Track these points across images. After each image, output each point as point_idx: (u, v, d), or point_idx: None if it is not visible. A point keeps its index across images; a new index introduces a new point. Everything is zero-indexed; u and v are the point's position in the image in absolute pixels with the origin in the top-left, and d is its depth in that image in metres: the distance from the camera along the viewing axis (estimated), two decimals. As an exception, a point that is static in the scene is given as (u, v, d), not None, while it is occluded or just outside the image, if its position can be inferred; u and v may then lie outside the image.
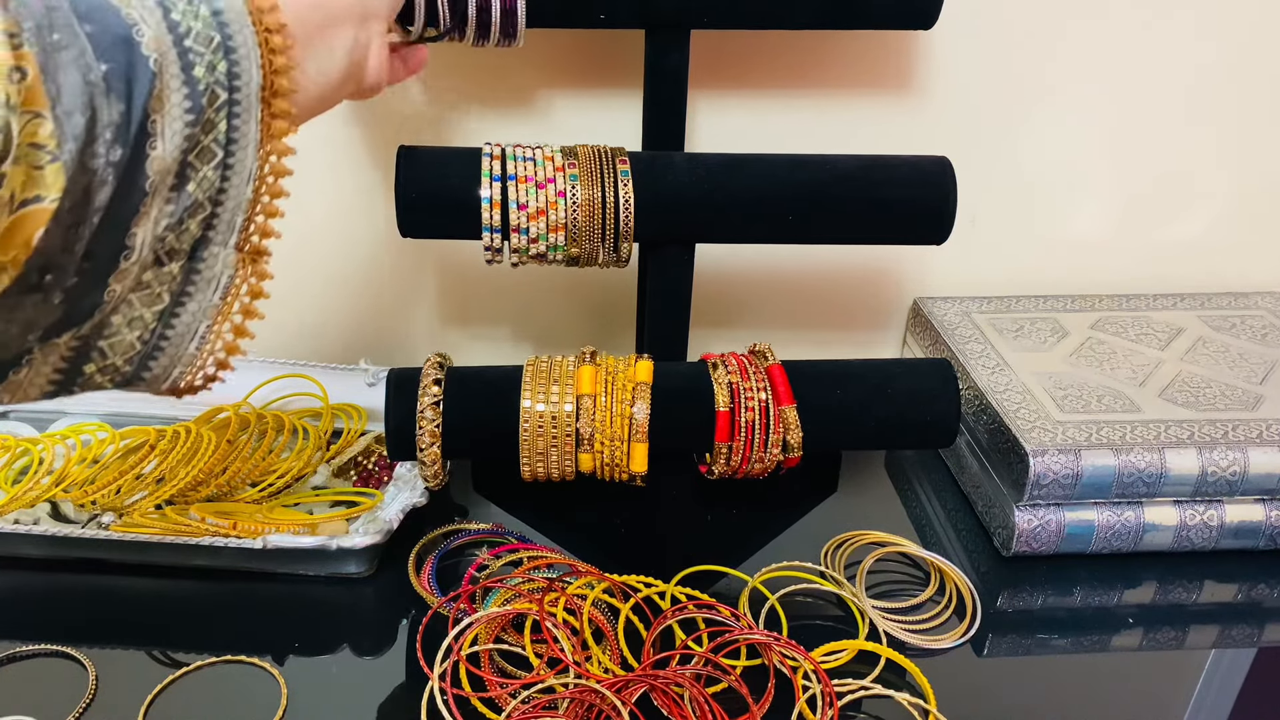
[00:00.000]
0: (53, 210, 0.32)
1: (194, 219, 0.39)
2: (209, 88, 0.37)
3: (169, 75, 0.36)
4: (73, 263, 0.35)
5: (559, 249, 0.60)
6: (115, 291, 0.37)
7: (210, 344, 0.42)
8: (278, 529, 0.60)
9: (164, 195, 0.37)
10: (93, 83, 0.33)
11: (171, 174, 0.37)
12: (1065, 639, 0.59)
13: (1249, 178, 0.81)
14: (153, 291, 0.39)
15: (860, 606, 0.59)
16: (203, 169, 0.38)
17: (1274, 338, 0.75)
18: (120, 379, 0.40)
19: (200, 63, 0.37)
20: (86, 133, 0.33)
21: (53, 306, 0.35)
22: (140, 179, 0.35)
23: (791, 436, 0.59)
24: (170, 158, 0.36)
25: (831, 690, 0.52)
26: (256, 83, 0.39)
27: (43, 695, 0.53)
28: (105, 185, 0.34)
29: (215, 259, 0.41)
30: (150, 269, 0.38)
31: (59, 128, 0.32)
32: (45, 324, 0.36)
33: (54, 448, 0.69)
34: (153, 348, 0.40)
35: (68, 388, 0.39)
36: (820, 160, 0.63)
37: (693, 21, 0.63)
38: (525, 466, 0.59)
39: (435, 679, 0.52)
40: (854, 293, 0.84)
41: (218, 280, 0.41)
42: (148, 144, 0.35)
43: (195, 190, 0.38)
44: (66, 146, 0.32)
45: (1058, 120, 0.78)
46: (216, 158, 0.38)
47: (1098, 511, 0.62)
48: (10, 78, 0.30)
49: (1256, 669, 0.58)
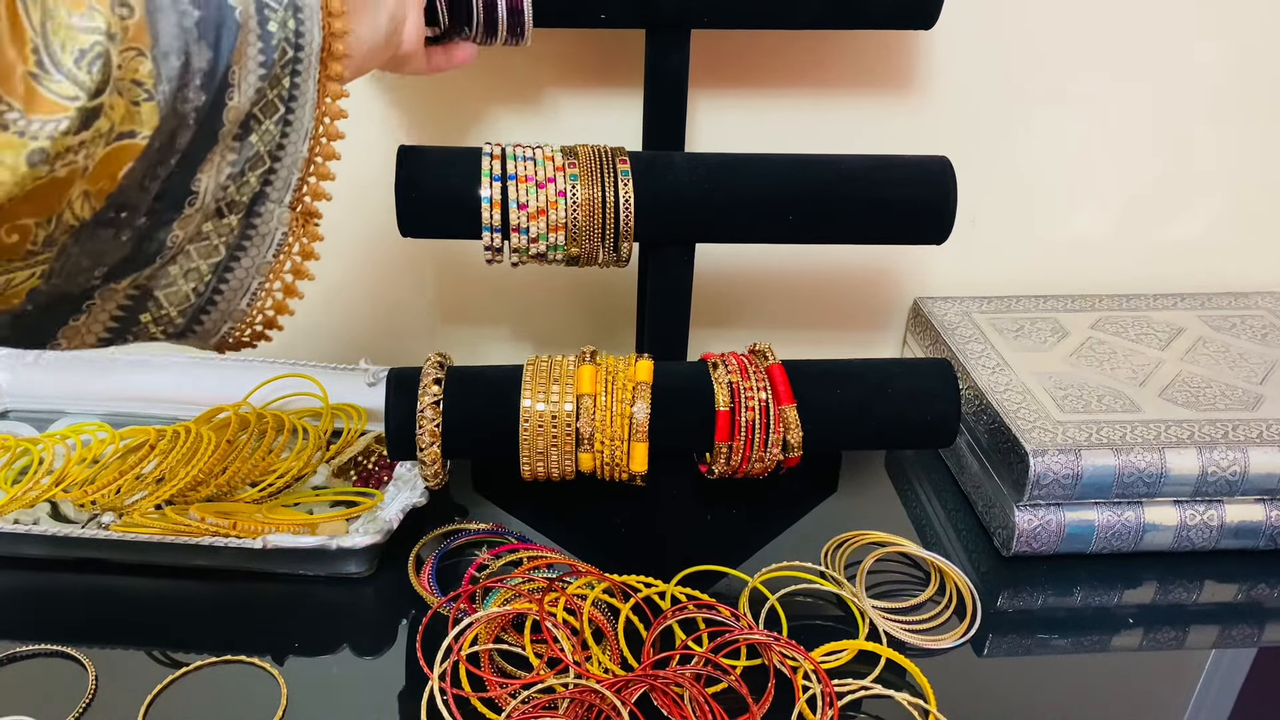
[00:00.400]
0: (143, 147, 0.34)
1: (254, 172, 0.40)
2: (280, 43, 0.38)
3: (249, 29, 0.37)
4: (145, 202, 0.36)
5: (559, 249, 0.60)
6: (178, 237, 0.38)
7: (261, 301, 0.43)
8: (278, 529, 0.60)
9: (228, 144, 0.38)
10: (187, 29, 0.34)
11: (238, 124, 0.38)
12: (1065, 639, 0.59)
13: (1249, 178, 0.81)
14: (210, 243, 0.40)
15: (860, 606, 0.59)
16: (265, 122, 0.39)
17: (1274, 338, 0.75)
18: (173, 330, 0.41)
19: (274, 18, 0.38)
20: (180, 76, 0.34)
21: (121, 243, 0.36)
22: (216, 126, 0.37)
23: (791, 436, 0.59)
24: (243, 109, 0.38)
25: (831, 690, 0.52)
26: (318, 43, 0.41)
27: (43, 695, 0.53)
28: (188, 129, 0.35)
29: (271, 215, 0.42)
30: (210, 219, 0.39)
31: (157, 67, 0.33)
32: (112, 260, 0.37)
33: (54, 448, 0.69)
34: (206, 300, 0.41)
35: (122, 335, 0.40)
36: (820, 160, 0.63)
37: (693, 21, 0.63)
38: (525, 466, 0.59)
39: (435, 679, 0.52)
40: (854, 293, 0.84)
41: (272, 237, 0.42)
42: (227, 94, 0.36)
43: (257, 142, 0.39)
44: (161, 87, 0.33)
45: (1058, 120, 0.78)
46: (279, 113, 0.40)
47: (1098, 511, 0.62)
48: (115, 10, 0.32)
49: (1256, 669, 0.58)
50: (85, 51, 0.31)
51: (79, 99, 0.31)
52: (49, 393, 0.76)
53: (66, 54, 0.30)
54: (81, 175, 0.32)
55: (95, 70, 0.31)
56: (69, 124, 0.30)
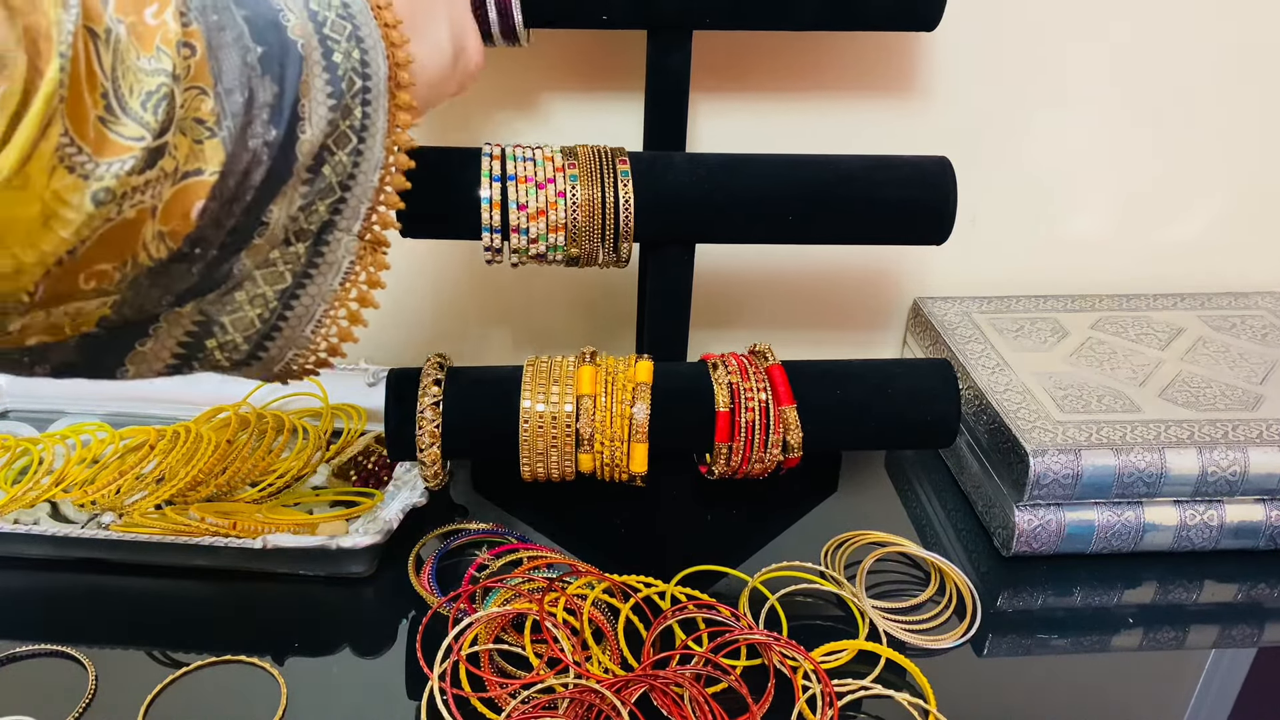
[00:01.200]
0: (211, 184, 0.34)
1: (324, 202, 0.40)
2: (346, 74, 0.39)
3: (313, 61, 0.37)
4: (219, 236, 0.36)
5: (559, 249, 0.60)
6: (245, 266, 0.39)
7: (325, 329, 0.43)
8: (278, 529, 0.60)
9: (302, 177, 0.38)
10: (250, 64, 0.34)
11: (311, 156, 0.38)
12: (1065, 639, 0.59)
13: (1249, 178, 0.81)
14: (277, 270, 0.40)
15: (860, 606, 0.59)
16: (338, 154, 0.39)
17: (1274, 338, 0.75)
18: (238, 357, 0.41)
19: (338, 49, 0.38)
20: (245, 111, 0.34)
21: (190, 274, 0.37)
22: (290, 160, 0.37)
23: (791, 437, 0.59)
24: (315, 141, 0.38)
25: (831, 690, 0.52)
26: (384, 73, 0.41)
27: (43, 695, 0.53)
28: (261, 164, 0.36)
29: (339, 244, 0.42)
30: (278, 247, 0.40)
31: (219, 104, 0.33)
32: (179, 289, 0.37)
33: (54, 448, 0.69)
34: (271, 327, 0.41)
35: (189, 362, 0.40)
36: (821, 160, 0.63)
37: (694, 22, 0.63)
38: (525, 467, 0.59)
39: (435, 679, 0.52)
40: (854, 293, 0.84)
41: (339, 265, 0.42)
42: (298, 127, 0.37)
43: (330, 174, 0.39)
44: (225, 123, 0.34)
45: (1058, 120, 0.78)
46: (351, 143, 0.40)
47: (1098, 511, 0.62)
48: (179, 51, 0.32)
49: (1256, 669, 0.58)
50: (151, 94, 0.31)
51: (144, 139, 0.31)
52: (49, 393, 0.76)
53: (134, 97, 0.31)
54: (152, 216, 0.32)
55: (159, 111, 0.31)
56: (134, 164, 0.31)
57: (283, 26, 0.36)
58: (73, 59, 0.28)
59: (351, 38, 0.39)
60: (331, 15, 0.39)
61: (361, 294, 0.44)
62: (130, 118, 0.30)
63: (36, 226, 0.29)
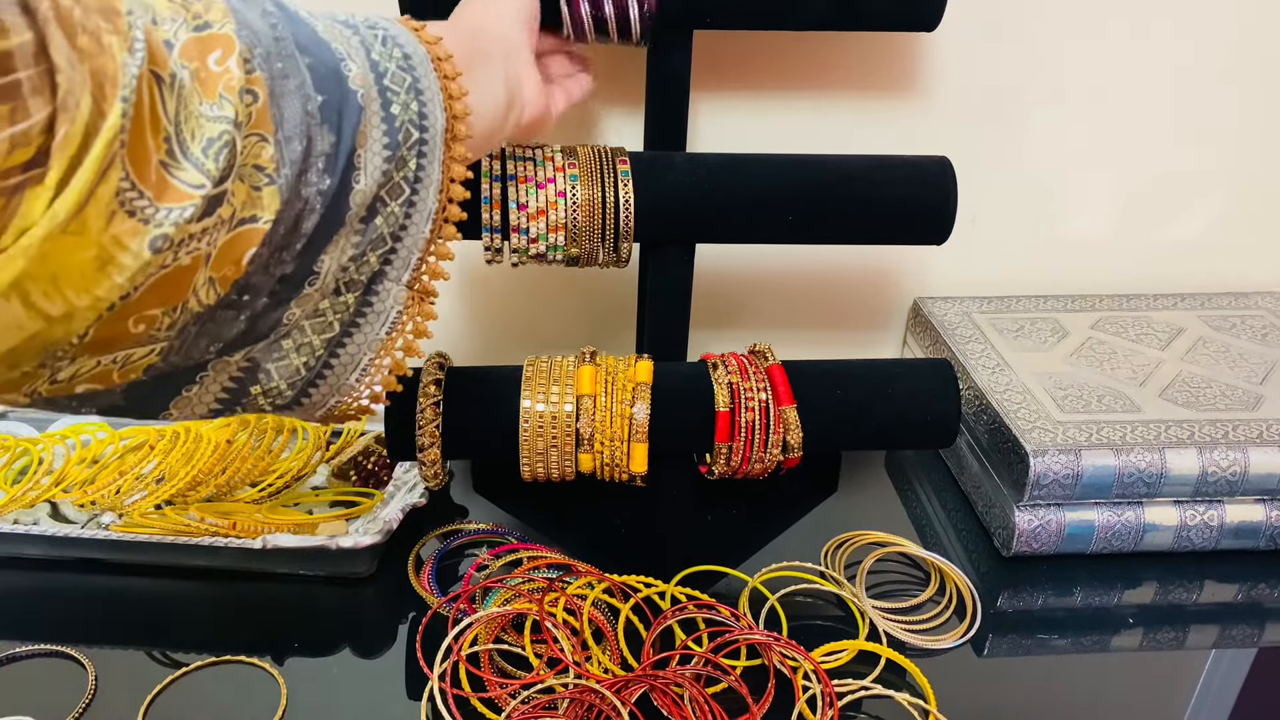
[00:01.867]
0: (265, 231, 0.33)
1: (375, 253, 0.40)
2: (404, 125, 0.38)
3: (371, 111, 0.37)
4: (269, 284, 0.36)
5: (559, 249, 0.60)
6: (294, 315, 0.38)
7: (370, 376, 0.43)
8: (277, 529, 0.60)
9: (354, 227, 0.38)
10: (310, 113, 0.34)
11: (365, 207, 0.38)
12: (1065, 639, 0.59)
13: (1249, 178, 0.81)
14: (325, 320, 0.40)
15: (860, 606, 0.59)
16: (391, 204, 0.39)
17: (1274, 338, 0.75)
18: (282, 403, 0.41)
19: (397, 101, 0.38)
20: (303, 159, 0.34)
21: (239, 322, 0.36)
22: (343, 209, 0.37)
23: (791, 437, 0.59)
24: (369, 191, 0.37)
25: (831, 690, 0.52)
26: (441, 125, 0.41)
27: (42, 695, 0.53)
28: (314, 213, 0.35)
29: (388, 294, 0.42)
30: (328, 297, 0.39)
31: (279, 152, 0.33)
32: (228, 337, 0.37)
33: (54, 448, 0.69)
34: (316, 374, 0.41)
35: (232, 406, 0.40)
36: (821, 160, 0.63)
37: (695, 22, 0.63)
38: (525, 467, 0.59)
39: (435, 679, 0.52)
40: (854, 293, 0.84)
41: (387, 315, 0.42)
42: (353, 176, 0.36)
43: (382, 225, 0.39)
44: (283, 171, 0.33)
45: (1058, 120, 0.78)
46: (404, 194, 0.40)
47: (1098, 511, 0.62)
48: (242, 98, 0.31)
49: (1256, 669, 0.58)
50: (213, 140, 0.31)
51: (204, 187, 0.30)
52: (49, 393, 0.76)
53: (196, 143, 0.30)
54: (205, 263, 0.32)
55: (221, 159, 0.31)
56: (193, 211, 0.30)
57: (344, 76, 0.36)
58: (136, 103, 0.28)
59: (411, 89, 0.39)
60: (392, 66, 0.38)
61: (407, 343, 0.44)
62: (191, 163, 0.30)
63: (91, 270, 0.28)
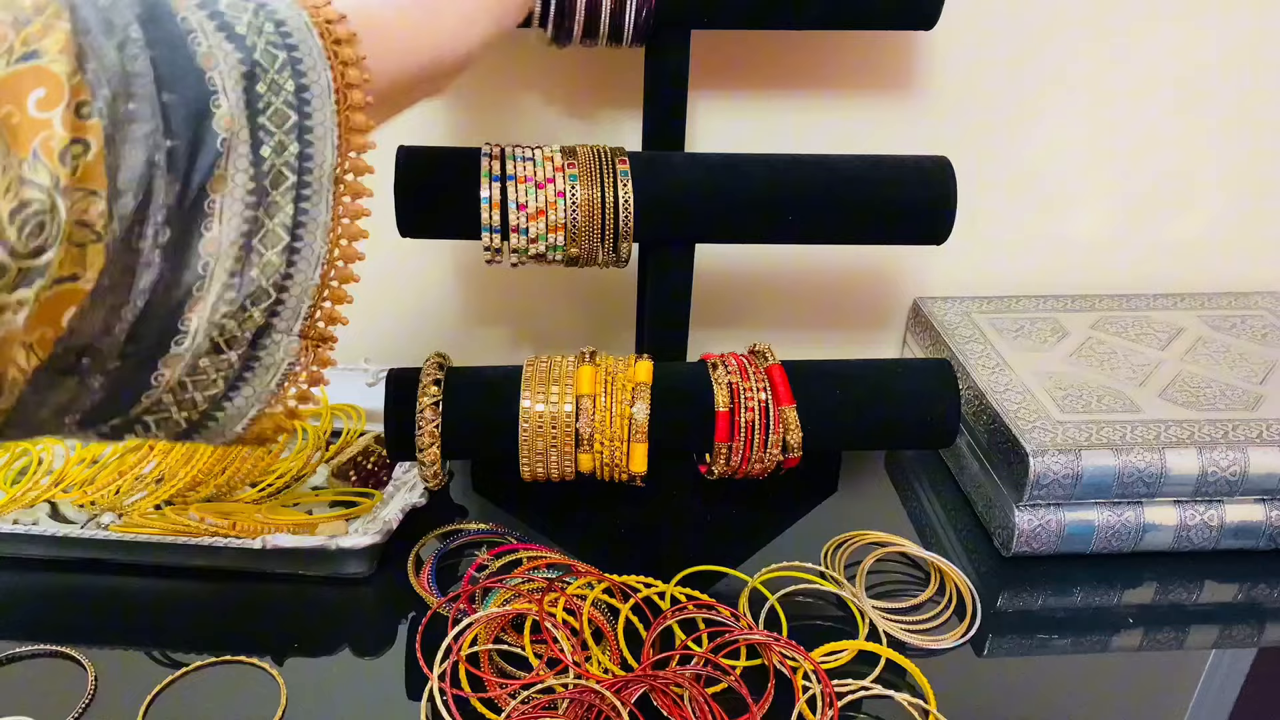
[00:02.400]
0: (87, 290, 0.30)
1: (257, 307, 0.36)
2: (274, 169, 0.34)
3: (236, 154, 0.33)
4: (115, 346, 0.32)
5: (558, 249, 0.60)
6: (165, 376, 0.35)
7: (258, 424, 0.40)
8: (277, 529, 0.60)
9: (223, 280, 0.34)
10: (155, 163, 0.30)
11: (231, 258, 0.34)
12: (1065, 639, 0.59)
13: (1249, 178, 0.81)
14: (207, 378, 0.36)
15: (860, 606, 0.59)
16: (267, 254, 0.35)
17: (1274, 338, 0.75)
18: (163, 438, 0.39)
19: (269, 142, 0.34)
20: (135, 214, 0.30)
21: (91, 389, 0.33)
22: (192, 261, 0.33)
23: (791, 437, 0.59)
24: (228, 240, 0.34)
25: (831, 690, 0.52)
26: (330, 164, 0.37)
27: (42, 695, 0.53)
28: (151, 267, 0.32)
29: (277, 346, 0.38)
30: (207, 355, 0.36)
31: (109, 207, 0.29)
32: (84, 407, 0.34)
33: (53, 448, 0.69)
34: (198, 426, 0.38)
35: (92, 428, 0.37)
36: (820, 160, 0.63)
37: (693, 21, 0.63)
38: (525, 467, 0.59)
39: (435, 679, 0.52)
40: (854, 293, 0.84)
41: (278, 367, 0.39)
42: (203, 224, 0.33)
43: (259, 276, 0.35)
44: (112, 227, 0.30)
45: (1058, 120, 0.78)
46: (282, 242, 0.36)
47: (1098, 511, 0.62)
48: (64, 158, 0.28)
49: (1256, 669, 0.58)
50: (25, 207, 0.27)
51: (6, 261, 0.27)
52: (49, 393, 0.76)
53: (5, 201, 0.26)
54: (19, 333, 0.28)
55: (30, 230, 0.27)
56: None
57: (208, 115, 0.32)
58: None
59: (293, 129, 0.35)
60: (277, 101, 0.34)
61: (301, 392, 0.40)
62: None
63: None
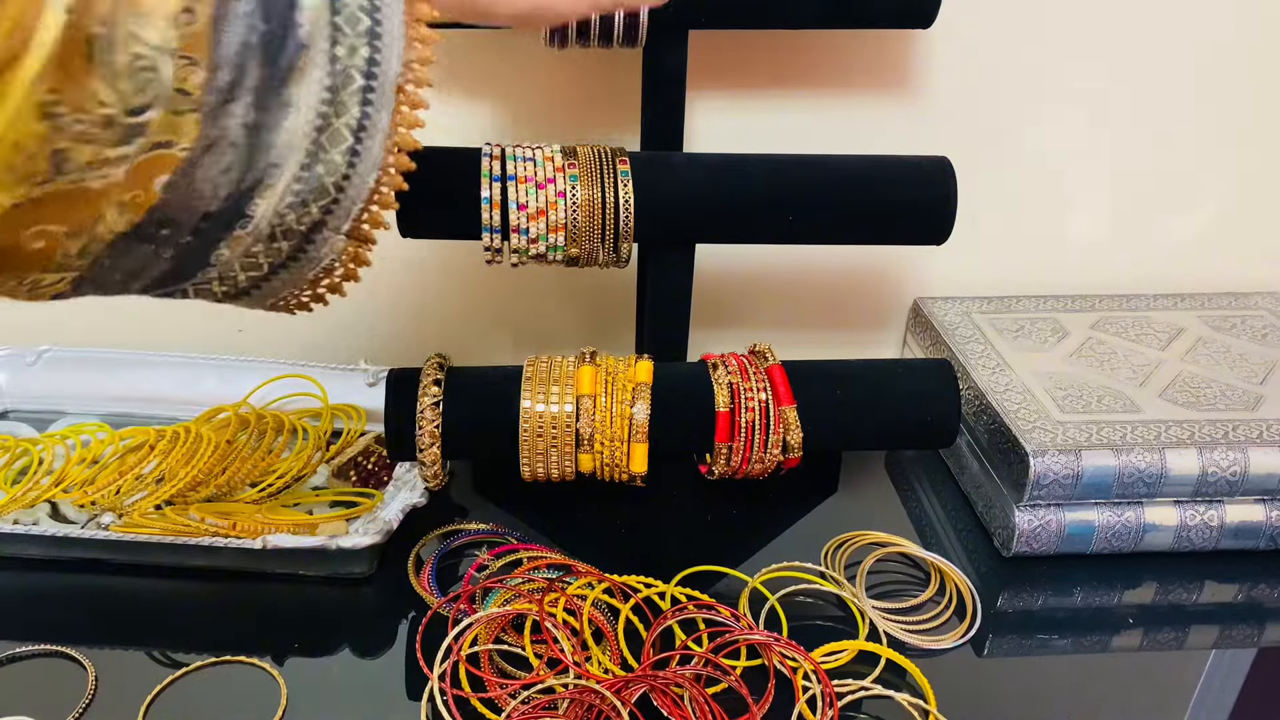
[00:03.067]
0: (182, 159, 0.32)
1: (316, 203, 0.38)
2: (346, 69, 0.36)
3: (317, 50, 0.35)
4: (193, 220, 0.34)
5: (559, 249, 0.60)
6: (224, 256, 0.37)
7: (288, 302, 0.42)
8: (277, 529, 0.60)
9: (292, 172, 0.36)
10: (250, 44, 0.32)
11: (303, 150, 0.36)
12: (1065, 639, 0.59)
13: (1249, 178, 0.81)
14: (256, 261, 0.38)
15: (860, 607, 0.59)
16: (331, 152, 0.37)
17: (1274, 338, 0.75)
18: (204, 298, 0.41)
19: (344, 43, 0.36)
20: (230, 89, 0.32)
21: (162, 260, 0.35)
22: (269, 148, 0.35)
23: (791, 437, 0.59)
24: (302, 133, 0.35)
25: (831, 690, 0.52)
26: (395, 73, 0.38)
27: (42, 695, 0.53)
28: (236, 147, 0.33)
29: (325, 243, 0.40)
30: (262, 242, 0.38)
31: (209, 78, 0.31)
32: (151, 275, 0.35)
33: (54, 448, 0.69)
34: (233, 297, 0.40)
35: (146, 292, 0.39)
36: (820, 160, 0.63)
37: (691, 21, 0.63)
38: (525, 467, 0.59)
39: (435, 679, 0.52)
40: (854, 293, 0.84)
41: (320, 261, 0.41)
42: (283, 114, 0.34)
43: (322, 173, 0.37)
44: (208, 99, 0.31)
45: (1058, 119, 0.78)
46: (346, 143, 0.37)
47: (1098, 512, 0.62)
48: (176, 21, 0.29)
49: (1256, 669, 0.58)
50: (138, 60, 0.29)
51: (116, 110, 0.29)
52: (49, 393, 0.76)
53: (122, 54, 0.28)
54: (117, 188, 0.31)
55: (139, 85, 0.29)
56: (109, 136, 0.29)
57: (297, 8, 0.34)
58: None
59: (366, 33, 0.36)
60: (353, 5, 0.36)
61: (333, 283, 0.42)
62: (109, 85, 0.29)
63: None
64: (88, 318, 0.80)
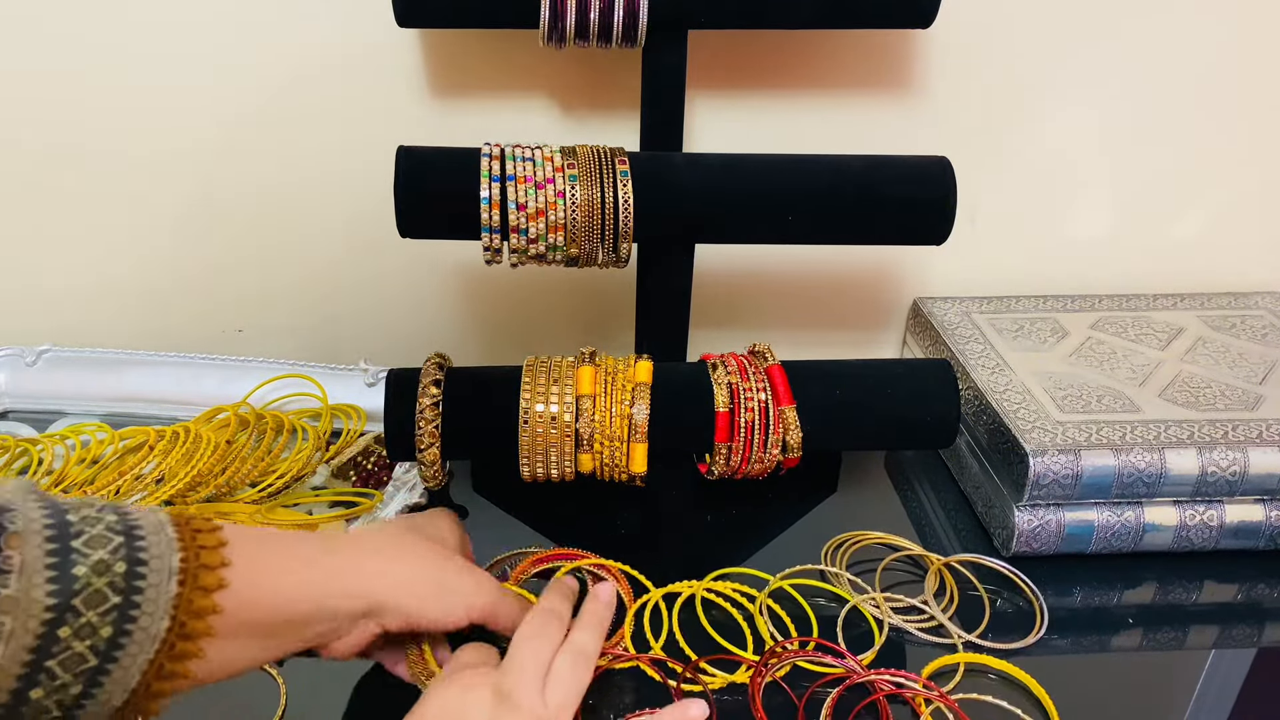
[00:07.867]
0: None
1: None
2: None
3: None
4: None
5: (558, 249, 0.60)
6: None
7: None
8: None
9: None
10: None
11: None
12: (1065, 639, 0.59)
13: (1249, 178, 0.81)
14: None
15: (876, 615, 0.59)
16: None
17: (1274, 338, 0.75)
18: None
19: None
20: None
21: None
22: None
23: (791, 437, 0.59)
24: None
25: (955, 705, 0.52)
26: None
27: (42, 696, 0.53)
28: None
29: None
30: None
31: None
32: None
33: (54, 448, 0.69)
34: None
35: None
36: (819, 160, 0.63)
37: (690, 21, 0.63)
38: (525, 467, 0.59)
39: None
40: (854, 293, 0.84)
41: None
42: None
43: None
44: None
45: (1057, 119, 0.78)
46: None
47: (1098, 512, 0.62)
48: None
49: (1256, 669, 0.58)
50: None
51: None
52: (49, 393, 0.76)
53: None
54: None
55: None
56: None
57: None
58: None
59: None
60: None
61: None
62: None
63: None
64: (88, 318, 0.80)
